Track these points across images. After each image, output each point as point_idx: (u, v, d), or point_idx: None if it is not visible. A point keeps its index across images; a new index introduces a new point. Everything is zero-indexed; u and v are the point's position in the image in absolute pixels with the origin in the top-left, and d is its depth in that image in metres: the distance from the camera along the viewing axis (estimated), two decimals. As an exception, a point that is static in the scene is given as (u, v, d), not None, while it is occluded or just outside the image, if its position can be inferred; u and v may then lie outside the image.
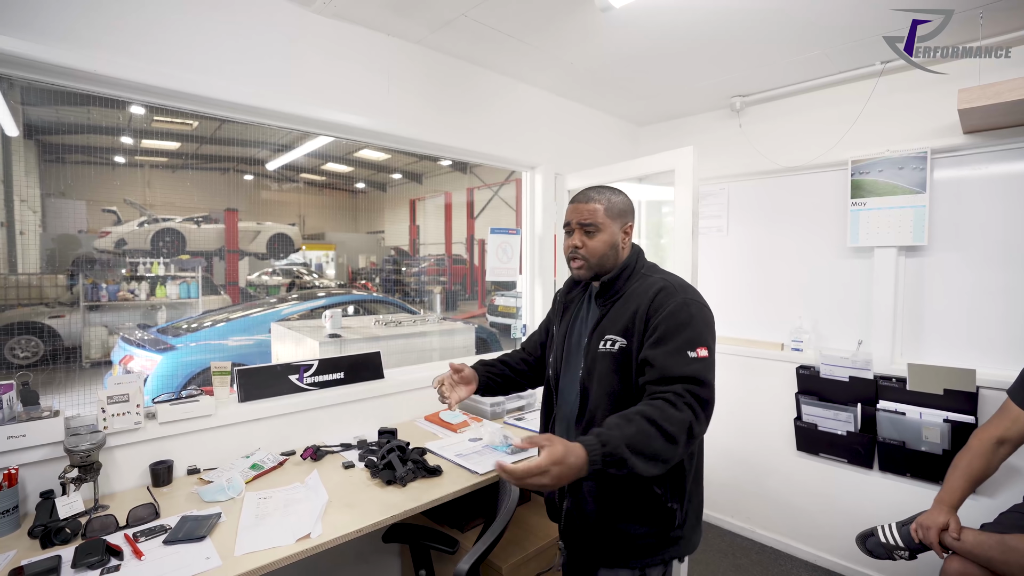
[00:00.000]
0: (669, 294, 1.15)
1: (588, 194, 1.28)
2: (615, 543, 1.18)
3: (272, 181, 6.35)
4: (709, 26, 1.93)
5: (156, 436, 1.49)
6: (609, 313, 1.23)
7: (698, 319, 1.12)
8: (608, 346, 1.19)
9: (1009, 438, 1.53)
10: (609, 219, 1.25)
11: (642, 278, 1.23)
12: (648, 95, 2.70)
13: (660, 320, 1.11)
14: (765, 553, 2.59)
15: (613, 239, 1.25)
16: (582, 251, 1.25)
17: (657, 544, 1.18)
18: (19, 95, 2.34)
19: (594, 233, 1.24)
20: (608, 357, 1.18)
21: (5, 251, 4.44)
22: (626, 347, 1.16)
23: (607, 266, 1.26)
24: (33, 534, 1.16)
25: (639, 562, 1.18)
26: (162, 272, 5.17)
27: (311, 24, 1.80)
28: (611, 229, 1.25)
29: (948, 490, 1.55)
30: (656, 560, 1.19)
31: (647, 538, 1.17)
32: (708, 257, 2.90)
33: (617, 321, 1.19)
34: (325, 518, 1.27)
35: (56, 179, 4.71)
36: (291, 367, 1.84)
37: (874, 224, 2.28)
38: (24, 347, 4.47)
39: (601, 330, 1.22)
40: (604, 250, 1.24)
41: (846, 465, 2.35)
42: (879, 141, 2.28)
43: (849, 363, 2.28)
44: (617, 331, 1.18)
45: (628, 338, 1.16)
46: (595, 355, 1.21)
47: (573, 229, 1.28)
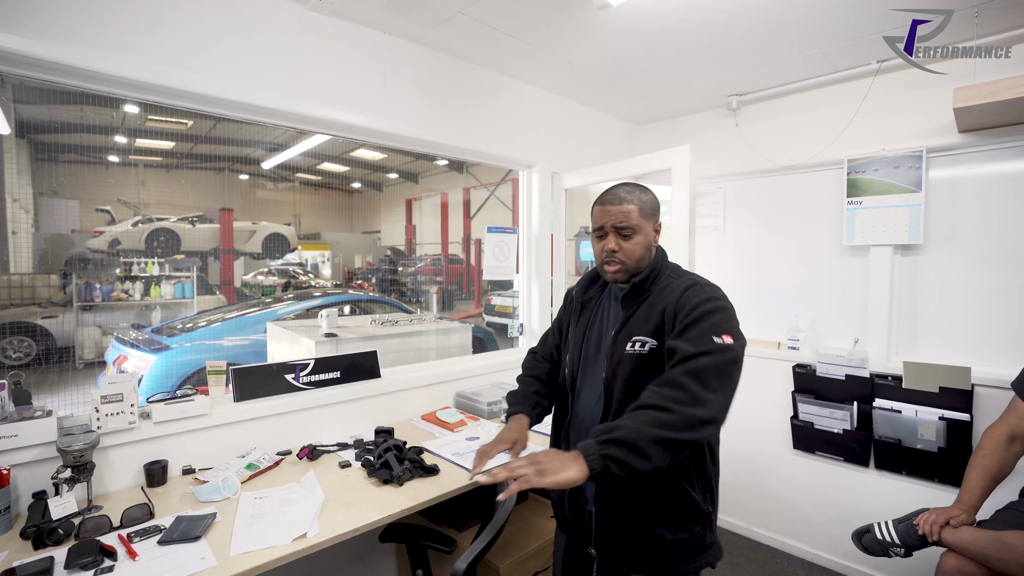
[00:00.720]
0: (697, 292, 1.13)
1: (619, 195, 1.21)
2: (648, 549, 1.14)
3: (268, 180, 6.31)
4: (706, 25, 1.93)
5: (151, 436, 1.48)
6: (636, 314, 1.18)
7: (724, 311, 1.10)
8: (637, 348, 1.14)
9: (1019, 434, 1.54)
10: (643, 219, 1.20)
11: (668, 279, 1.20)
12: (645, 94, 2.70)
13: (688, 313, 1.08)
14: (762, 551, 2.60)
15: (648, 239, 1.21)
16: (619, 255, 1.19)
17: (690, 551, 1.14)
18: (11, 93, 2.31)
19: (631, 235, 1.19)
20: (637, 359, 1.14)
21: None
22: (656, 348, 1.13)
23: (642, 267, 1.22)
24: (25, 535, 1.14)
25: (674, 571, 1.14)
26: (156, 272, 5.14)
27: (309, 22, 1.79)
28: (646, 229, 1.21)
29: (967, 490, 1.56)
30: (690, 568, 1.15)
31: (681, 545, 1.13)
32: (705, 256, 2.90)
33: (646, 322, 1.15)
34: (322, 517, 1.26)
35: (49, 178, 4.66)
36: (287, 366, 1.83)
37: (870, 223, 2.28)
38: (16, 347, 4.43)
39: (628, 331, 1.17)
40: (641, 252, 1.20)
41: (842, 463, 2.36)
42: (875, 140, 2.29)
43: (845, 361, 2.29)
44: (647, 332, 1.14)
45: (658, 337, 1.13)
46: (621, 356, 1.16)
47: (607, 232, 1.21)
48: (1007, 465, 1.55)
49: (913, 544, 1.57)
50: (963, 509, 1.51)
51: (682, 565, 1.14)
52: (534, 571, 1.74)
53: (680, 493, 1.11)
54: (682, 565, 1.14)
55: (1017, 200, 2.01)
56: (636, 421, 0.95)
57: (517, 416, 1.33)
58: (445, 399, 2.24)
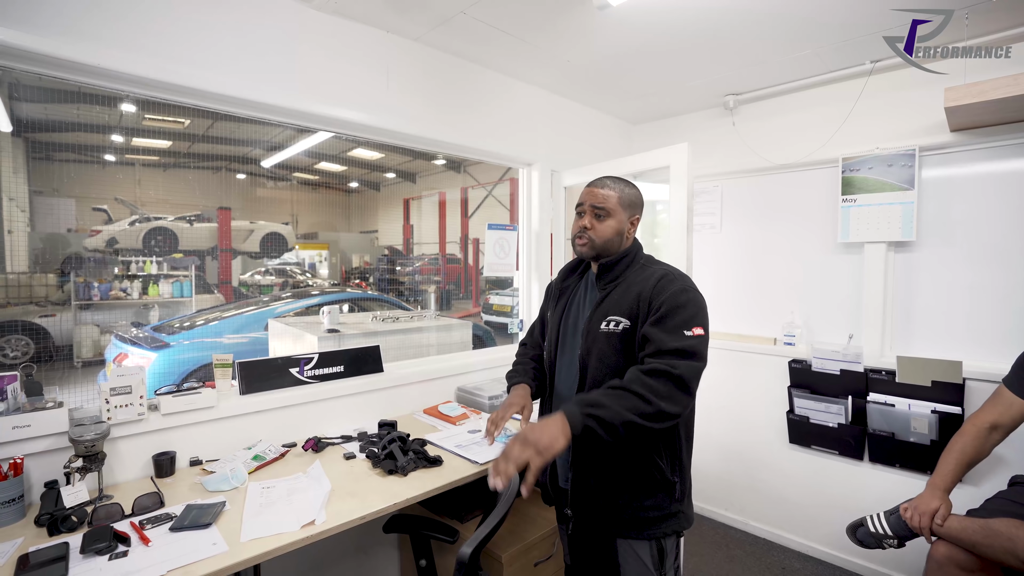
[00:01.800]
0: (671, 281, 1.24)
1: (604, 181, 1.36)
2: (624, 516, 1.25)
3: (265, 180, 6.32)
4: (704, 24, 1.97)
5: (159, 428, 1.50)
6: (610, 295, 1.30)
7: (695, 304, 1.22)
8: (611, 327, 1.25)
9: (1002, 423, 1.58)
10: (620, 207, 1.32)
11: (642, 268, 1.32)
12: (643, 93, 2.74)
13: (662, 302, 1.20)
14: (758, 544, 2.63)
15: (621, 226, 1.33)
16: (590, 232, 1.32)
17: (656, 517, 1.24)
18: (7, 91, 2.32)
19: (604, 217, 1.32)
20: (611, 336, 1.25)
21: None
22: (629, 328, 1.23)
23: (610, 250, 1.33)
24: (40, 522, 1.16)
25: (652, 532, 1.24)
26: (154, 271, 5.14)
27: (311, 20, 1.82)
28: (620, 216, 1.32)
29: (940, 474, 1.59)
30: (655, 533, 1.25)
31: (652, 510, 1.24)
32: (702, 254, 2.94)
33: (620, 304, 1.26)
34: (329, 506, 1.29)
35: (45, 177, 4.66)
36: (292, 360, 1.85)
37: (864, 220, 2.33)
38: (14, 346, 4.42)
39: (603, 311, 1.29)
40: (610, 235, 1.31)
41: (837, 457, 2.40)
42: (869, 139, 2.34)
43: (840, 356, 2.33)
44: (621, 312, 1.25)
45: (632, 319, 1.24)
46: (595, 335, 1.27)
47: (585, 211, 1.34)
48: (983, 452, 1.61)
49: (904, 535, 1.61)
50: (939, 497, 1.54)
51: (647, 529, 1.24)
52: (535, 561, 1.77)
53: (647, 463, 1.23)
54: (647, 529, 1.24)
55: (1009, 197, 2.05)
56: (618, 403, 1.09)
57: (519, 385, 1.49)
58: (447, 393, 2.27)
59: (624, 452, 1.23)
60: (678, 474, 1.25)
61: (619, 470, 1.25)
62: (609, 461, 1.25)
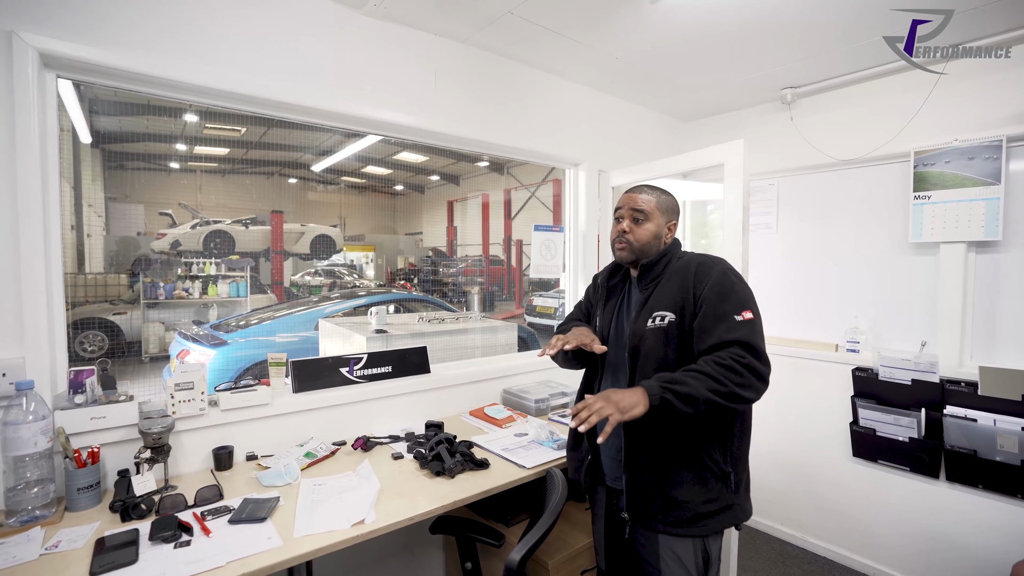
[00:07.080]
0: (708, 266, 1.28)
1: (642, 188, 1.42)
2: (675, 510, 1.24)
3: (315, 184, 6.55)
4: (761, 14, 1.87)
5: (218, 423, 1.56)
6: (654, 293, 1.33)
7: (738, 285, 1.25)
8: (657, 322, 1.28)
9: None
10: (658, 212, 1.38)
11: (678, 260, 1.36)
12: (694, 88, 2.64)
13: (705, 291, 1.23)
14: (817, 563, 2.48)
15: (658, 230, 1.37)
16: (629, 236, 1.36)
17: (715, 511, 1.23)
18: (88, 106, 2.49)
19: (643, 221, 1.36)
20: (658, 332, 1.27)
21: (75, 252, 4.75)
22: (675, 320, 1.26)
23: (649, 253, 1.37)
24: (113, 508, 1.23)
25: (699, 529, 1.23)
26: (213, 272, 5.42)
27: (359, 25, 1.85)
28: (658, 220, 1.37)
29: None
30: (716, 528, 1.24)
31: (706, 504, 1.23)
32: (757, 254, 2.80)
33: (664, 298, 1.29)
34: (377, 506, 1.30)
35: (118, 184, 5.01)
36: (342, 360, 1.89)
37: (940, 218, 2.15)
38: (91, 341, 4.77)
39: (648, 309, 1.31)
40: (648, 239, 1.36)
41: (908, 473, 2.23)
42: (945, 130, 2.16)
43: (912, 365, 2.16)
44: (666, 307, 1.28)
45: (677, 312, 1.26)
46: (643, 332, 1.29)
47: (623, 215, 1.39)
48: None
49: None
50: None
51: (701, 522, 1.23)
52: (582, 569, 1.73)
53: (700, 455, 1.23)
54: (701, 522, 1.23)
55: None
56: (696, 382, 1.12)
57: (581, 324, 1.52)
58: (492, 395, 2.26)
59: (675, 446, 1.24)
60: (731, 464, 1.25)
61: (673, 464, 1.24)
62: (662, 456, 1.25)
